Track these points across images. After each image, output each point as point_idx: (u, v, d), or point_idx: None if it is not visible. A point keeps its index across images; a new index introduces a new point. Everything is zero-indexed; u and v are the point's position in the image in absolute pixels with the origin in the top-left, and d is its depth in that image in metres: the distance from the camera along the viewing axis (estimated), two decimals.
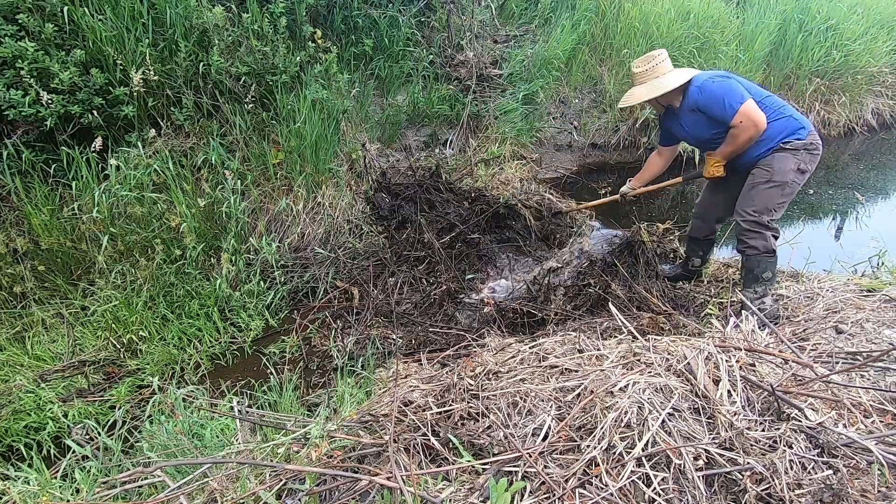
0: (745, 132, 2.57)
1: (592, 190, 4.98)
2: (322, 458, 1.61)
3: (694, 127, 2.77)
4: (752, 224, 2.65)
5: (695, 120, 2.73)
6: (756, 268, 2.67)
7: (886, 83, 7.05)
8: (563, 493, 1.36)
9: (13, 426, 2.39)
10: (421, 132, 4.75)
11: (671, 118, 2.90)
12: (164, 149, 3.37)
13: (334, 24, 4.09)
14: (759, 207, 2.65)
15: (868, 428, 1.61)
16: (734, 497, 1.39)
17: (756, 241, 2.65)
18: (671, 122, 2.92)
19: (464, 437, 1.62)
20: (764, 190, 2.64)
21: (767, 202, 2.64)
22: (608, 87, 5.40)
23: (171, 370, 2.79)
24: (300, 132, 3.63)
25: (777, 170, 2.61)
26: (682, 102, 2.75)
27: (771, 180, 2.63)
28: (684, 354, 1.78)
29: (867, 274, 3.09)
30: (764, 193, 2.64)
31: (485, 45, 4.94)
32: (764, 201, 2.64)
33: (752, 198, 2.67)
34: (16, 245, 3.04)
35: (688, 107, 2.72)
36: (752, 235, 2.65)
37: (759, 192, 2.66)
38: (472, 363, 1.99)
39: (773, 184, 2.62)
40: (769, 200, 2.63)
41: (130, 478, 1.61)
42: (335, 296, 3.38)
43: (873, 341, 2.22)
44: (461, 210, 3.81)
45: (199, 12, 3.36)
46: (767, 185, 2.63)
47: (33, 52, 2.99)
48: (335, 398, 2.41)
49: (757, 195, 2.66)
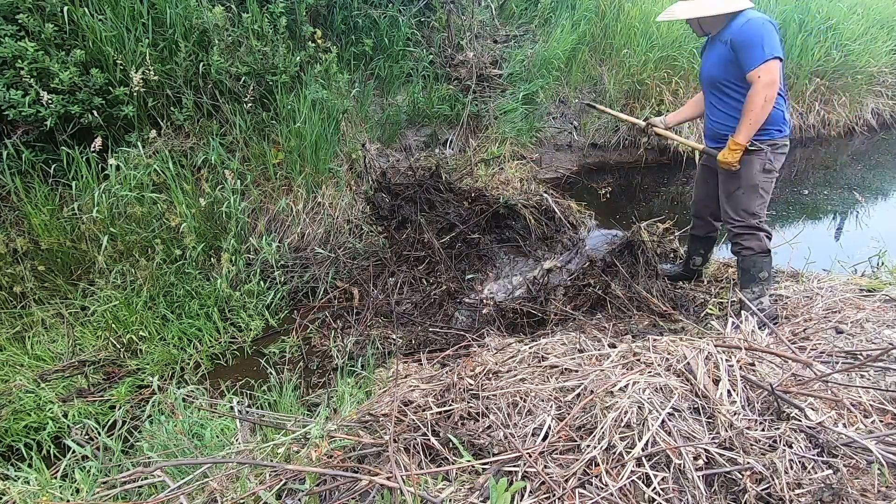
0: (761, 91, 2.36)
1: (592, 190, 4.98)
2: (322, 458, 1.61)
3: (716, 59, 2.58)
4: (742, 228, 2.67)
5: (721, 53, 2.53)
6: (752, 268, 2.68)
7: (886, 83, 7.05)
8: (563, 493, 1.37)
9: (13, 426, 2.39)
10: (421, 132, 4.75)
11: (705, 49, 2.73)
12: (164, 149, 3.37)
13: (334, 24, 4.09)
14: (741, 214, 2.66)
15: (868, 428, 1.61)
16: (734, 497, 1.39)
17: (750, 242, 2.66)
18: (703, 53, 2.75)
19: (464, 436, 1.62)
20: (739, 196, 2.65)
21: (746, 207, 2.64)
22: (608, 87, 5.40)
23: (171, 370, 2.79)
24: (300, 132, 3.63)
25: (743, 175, 2.61)
26: (720, 32, 2.55)
27: (741, 186, 2.63)
28: (684, 354, 1.78)
29: (867, 274, 3.09)
30: (740, 200, 2.65)
31: (485, 45, 4.94)
32: (743, 206, 2.65)
33: (732, 206, 2.69)
34: (16, 245, 3.04)
35: (724, 37, 2.51)
36: (746, 238, 2.67)
37: (735, 200, 2.67)
38: (472, 363, 1.99)
39: (743, 189, 2.63)
40: (747, 205, 2.64)
41: (130, 478, 1.61)
42: (335, 296, 3.38)
43: (873, 341, 2.22)
44: (461, 210, 3.81)
45: (199, 12, 3.36)
46: (739, 191, 2.65)
47: (33, 52, 2.99)
48: (335, 398, 2.41)
49: (735, 203, 2.67)
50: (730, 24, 2.50)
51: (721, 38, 2.53)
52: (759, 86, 2.37)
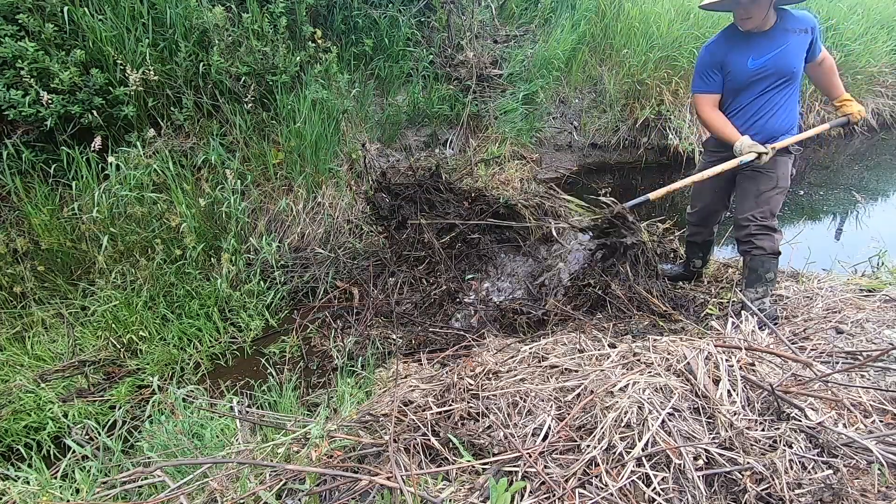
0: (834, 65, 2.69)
1: (592, 190, 4.97)
2: (322, 458, 1.61)
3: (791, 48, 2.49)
4: (761, 227, 2.65)
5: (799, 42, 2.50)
6: (760, 268, 2.67)
7: (886, 83, 7.05)
8: (563, 493, 1.36)
9: (13, 426, 2.39)
10: (421, 132, 4.75)
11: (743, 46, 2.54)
12: (164, 149, 3.37)
13: (334, 24, 4.09)
14: (766, 213, 2.65)
15: (868, 428, 1.61)
16: (734, 497, 1.39)
17: (765, 241, 2.65)
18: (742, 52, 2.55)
19: (464, 436, 1.62)
20: (772, 196, 2.64)
21: (774, 207, 2.65)
22: (608, 87, 5.40)
23: (171, 370, 2.79)
24: (300, 132, 3.63)
25: (781, 175, 2.62)
26: (781, 23, 2.49)
27: (777, 186, 2.63)
28: (684, 354, 1.78)
29: (867, 274, 3.09)
30: (772, 199, 2.65)
31: (485, 45, 4.94)
32: (772, 206, 2.65)
33: (759, 204, 2.66)
34: (16, 245, 3.04)
35: (795, 27, 2.49)
36: (762, 237, 2.65)
37: (766, 199, 2.65)
38: (471, 363, 1.99)
39: (778, 189, 2.64)
40: (775, 205, 2.65)
41: (130, 478, 1.61)
42: (335, 296, 3.38)
43: (873, 341, 2.22)
44: (461, 210, 3.81)
45: (199, 12, 3.36)
46: (774, 191, 2.64)
47: (33, 52, 2.99)
48: (335, 398, 2.41)
49: (765, 201, 2.65)
50: (788, 14, 2.53)
51: (789, 28, 2.50)
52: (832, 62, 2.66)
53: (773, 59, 2.51)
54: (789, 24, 2.50)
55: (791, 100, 2.63)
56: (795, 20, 2.50)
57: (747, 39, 2.54)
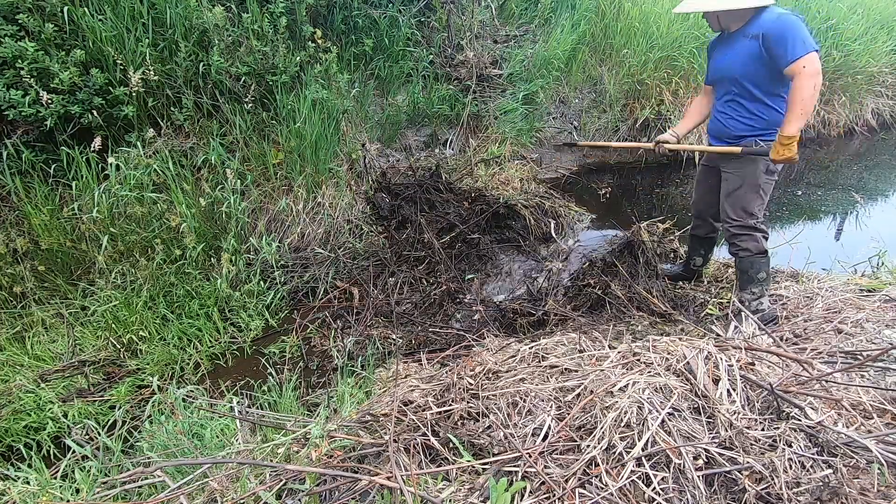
0: (808, 79, 2.28)
1: (592, 190, 4.98)
2: (322, 458, 1.61)
3: (738, 55, 2.50)
4: (739, 228, 2.67)
5: (746, 48, 2.46)
6: (750, 269, 2.68)
7: (886, 83, 7.05)
8: (563, 493, 1.37)
9: (13, 426, 2.39)
10: (421, 132, 4.75)
11: (718, 45, 2.68)
12: (164, 149, 3.37)
13: (334, 24, 4.09)
14: (739, 213, 2.66)
15: (868, 427, 1.61)
16: (734, 496, 1.39)
17: (747, 243, 2.66)
18: (716, 49, 2.69)
19: (464, 436, 1.62)
20: (740, 196, 2.65)
21: (746, 206, 2.65)
22: (608, 87, 5.40)
23: (170, 370, 2.79)
24: (300, 132, 3.63)
25: (747, 173, 2.62)
26: (743, 28, 2.49)
27: (744, 185, 2.63)
28: (684, 354, 1.78)
29: (867, 274, 3.09)
30: (740, 199, 2.65)
31: (485, 45, 4.94)
32: (742, 206, 2.65)
33: (731, 206, 2.68)
34: (16, 245, 3.04)
35: (750, 32, 2.45)
36: (743, 238, 2.67)
37: (735, 199, 2.67)
38: (471, 363, 1.99)
39: (745, 188, 2.63)
40: (747, 204, 2.64)
41: (130, 478, 1.61)
42: (335, 296, 3.38)
43: (873, 341, 2.22)
44: (461, 210, 3.81)
45: (199, 12, 3.36)
46: (741, 190, 2.64)
47: (33, 52, 2.99)
48: (335, 398, 2.41)
49: (734, 202, 2.67)
50: (756, 18, 2.45)
51: (745, 34, 2.47)
52: (806, 75, 2.29)
53: (724, 63, 2.61)
54: (749, 29, 2.46)
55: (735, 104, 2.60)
56: (757, 25, 2.43)
57: (721, 40, 2.69)
